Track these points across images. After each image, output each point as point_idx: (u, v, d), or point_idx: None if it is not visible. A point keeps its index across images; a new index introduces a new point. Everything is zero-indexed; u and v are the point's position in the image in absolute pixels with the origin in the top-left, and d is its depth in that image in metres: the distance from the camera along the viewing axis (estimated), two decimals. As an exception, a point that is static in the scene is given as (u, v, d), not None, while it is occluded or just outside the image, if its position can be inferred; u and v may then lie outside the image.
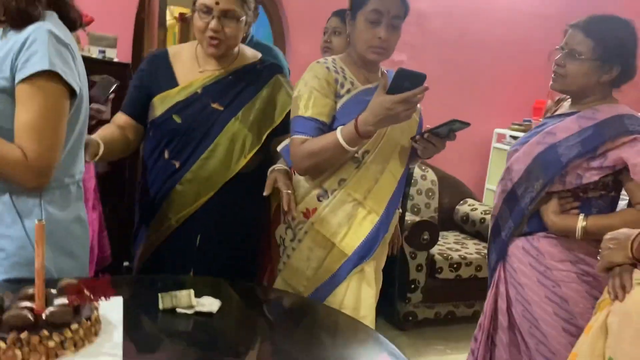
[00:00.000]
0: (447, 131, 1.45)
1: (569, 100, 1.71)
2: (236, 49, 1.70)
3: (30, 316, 0.94)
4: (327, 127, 1.53)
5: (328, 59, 1.61)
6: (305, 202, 1.57)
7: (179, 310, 1.16)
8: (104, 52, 2.44)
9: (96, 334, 1.03)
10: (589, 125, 1.55)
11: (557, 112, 1.76)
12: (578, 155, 1.53)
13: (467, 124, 1.40)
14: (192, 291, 1.18)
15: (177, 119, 1.64)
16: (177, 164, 1.65)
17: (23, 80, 1.16)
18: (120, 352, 0.98)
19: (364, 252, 1.55)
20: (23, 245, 1.23)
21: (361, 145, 1.51)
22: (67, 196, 1.31)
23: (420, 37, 3.56)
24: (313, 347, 1.16)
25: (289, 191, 1.52)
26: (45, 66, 1.16)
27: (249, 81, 1.68)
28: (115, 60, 2.47)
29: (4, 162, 1.16)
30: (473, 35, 3.81)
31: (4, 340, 0.90)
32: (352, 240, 1.55)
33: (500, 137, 4.01)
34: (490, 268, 1.80)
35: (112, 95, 1.84)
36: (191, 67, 1.68)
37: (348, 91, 1.56)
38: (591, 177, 1.53)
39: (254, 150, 1.66)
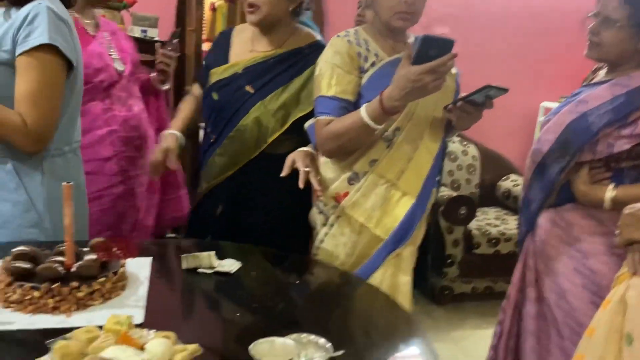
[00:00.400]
0: (483, 98, 1.34)
1: (606, 68, 1.65)
2: (290, 28, 1.72)
3: (60, 269, 1.03)
4: (352, 106, 1.45)
5: (350, 31, 1.53)
6: (335, 186, 1.50)
7: (200, 270, 1.23)
8: (145, 31, 2.54)
9: (123, 288, 1.11)
10: (621, 93, 1.49)
11: (594, 81, 1.70)
12: (609, 123, 1.48)
13: (505, 90, 1.29)
14: (213, 253, 1.25)
15: (215, 96, 1.75)
16: (214, 138, 1.77)
17: (23, 53, 1.26)
18: (143, 304, 1.06)
19: (400, 236, 1.49)
20: (27, 209, 1.34)
21: (390, 123, 1.44)
22: (66, 163, 1.42)
23: (463, 8, 3.47)
24: (324, 308, 1.20)
25: (307, 169, 1.47)
26: (45, 40, 1.26)
27: (289, 66, 1.69)
28: (156, 39, 2.56)
29: (5, 127, 1.26)
30: (519, 4, 3.68)
31: (38, 289, 1.00)
32: (387, 224, 1.49)
33: (547, 111, 3.86)
34: (520, 240, 1.78)
35: (175, 41, 1.97)
36: (244, 47, 1.75)
37: (373, 64, 1.48)
38: (622, 145, 1.48)
39: (275, 135, 1.69)
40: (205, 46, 3.33)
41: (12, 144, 1.30)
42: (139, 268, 1.21)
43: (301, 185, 1.45)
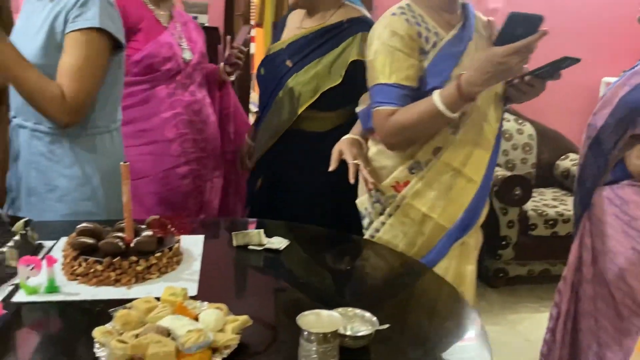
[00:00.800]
0: (555, 70, 1.23)
1: None
2: (335, 6, 1.75)
3: (121, 244, 1.09)
4: (414, 93, 1.33)
5: (403, 7, 1.38)
6: (394, 175, 1.41)
7: (250, 247, 1.27)
8: (196, 17, 2.60)
9: (178, 263, 1.17)
10: None
11: None
12: None
13: (578, 60, 1.18)
14: (262, 231, 1.29)
15: (262, 72, 1.85)
16: (259, 112, 1.89)
17: (72, 31, 1.33)
18: (197, 277, 1.11)
19: (466, 224, 1.42)
20: (82, 183, 1.44)
21: (464, 109, 1.31)
22: (112, 141, 1.50)
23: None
24: (371, 285, 1.21)
25: (356, 161, 1.41)
26: (95, 24, 1.33)
27: (326, 39, 1.71)
28: (206, 25, 2.62)
29: (43, 96, 1.32)
30: (580, -25, 3.49)
31: (100, 263, 1.06)
32: (452, 212, 1.40)
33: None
34: (576, 219, 1.73)
35: (249, 36, 2.09)
36: (295, 24, 1.81)
37: (434, 45, 1.35)
38: None
39: (305, 105, 1.71)
40: (254, 32, 3.37)
41: (47, 114, 1.35)
42: (193, 245, 1.27)
43: (351, 179, 1.40)
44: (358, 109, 1.56)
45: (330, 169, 1.45)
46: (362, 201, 1.53)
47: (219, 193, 2.09)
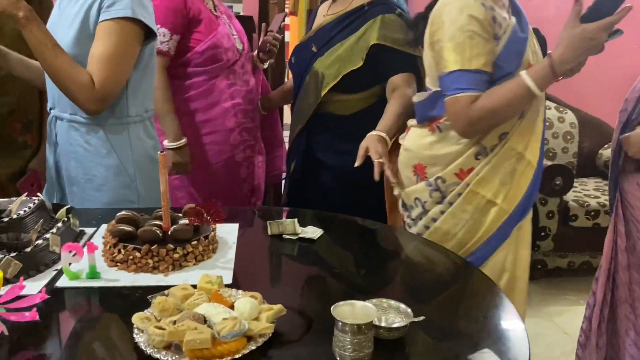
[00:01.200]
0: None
1: None
2: None
3: (158, 232, 1.11)
4: (491, 79, 1.32)
5: None
6: (458, 162, 1.39)
7: (285, 236, 1.27)
8: (231, 7, 2.61)
9: (214, 251, 1.19)
10: None
11: None
12: None
13: (621, 32, 1.20)
14: (296, 220, 1.29)
15: (293, 60, 1.91)
16: (294, 98, 1.93)
17: (104, 20, 1.35)
18: (232, 266, 1.12)
19: (524, 207, 1.42)
20: (118, 172, 1.47)
21: None
22: (146, 129, 1.53)
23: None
24: (406, 276, 1.20)
25: (380, 160, 1.43)
26: (128, 13, 1.34)
27: (349, 23, 1.74)
28: (241, 14, 2.63)
29: (72, 82, 1.34)
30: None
31: (139, 250, 1.09)
32: (513, 196, 1.40)
33: (658, 72, 3.52)
34: (610, 206, 1.69)
35: (284, 24, 2.10)
36: (322, 12, 1.85)
37: (505, 30, 1.33)
38: None
39: (327, 88, 1.74)
40: (288, 20, 3.36)
41: (76, 100, 1.37)
42: (228, 233, 1.28)
43: (376, 177, 1.43)
44: (416, 99, 1.50)
45: (357, 164, 1.48)
46: (414, 191, 1.48)
47: (263, 177, 2.13)
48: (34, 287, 1.00)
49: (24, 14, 1.29)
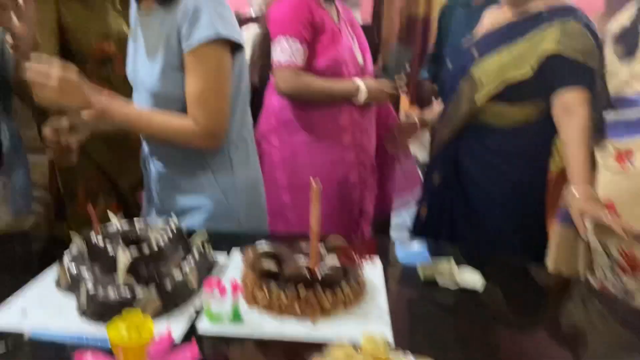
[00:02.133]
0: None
1: None
2: None
3: (306, 273, 0.97)
4: None
5: None
6: None
7: (441, 283, 1.09)
8: (349, 13, 2.47)
9: (363, 294, 1.03)
10: None
11: None
12: None
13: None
14: (452, 262, 1.11)
15: (449, 64, 1.72)
16: (443, 104, 1.74)
17: (189, 51, 1.21)
18: (387, 317, 0.96)
19: None
20: (219, 200, 1.34)
21: None
22: (247, 151, 1.40)
23: None
24: (596, 345, 0.98)
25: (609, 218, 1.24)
26: (211, 34, 1.19)
27: (520, 28, 1.53)
28: (361, 23, 2.48)
29: (176, 136, 1.25)
30: None
31: (285, 292, 0.95)
32: None
33: None
34: None
35: (408, 69, 1.86)
36: (491, 18, 1.66)
37: None
38: None
39: (486, 96, 1.54)
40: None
41: (189, 147, 1.29)
42: (371, 272, 1.13)
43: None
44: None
45: (581, 233, 1.31)
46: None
47: (374, 200, 1.97)
48: (174, 329, 0.88)
49: (99, 108, 1.20)
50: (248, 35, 2.47)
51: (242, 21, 2.48)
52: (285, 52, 1.67)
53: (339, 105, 1.77)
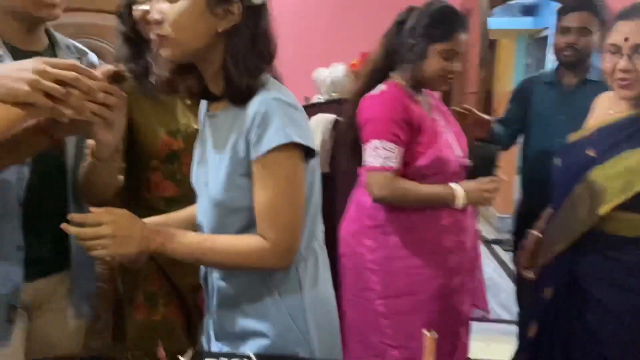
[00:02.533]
0: None
1: None
2: None
3: None
4: None
5: None
6: None
7: None
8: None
9: None
10: None
11: None
12: None
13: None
14: None
15: (557, 162, 1.55)
16: (552, 206, 1.60)
17: (258, 158, 1.09)
18: None
19: None
20: (287, 327, 1.16)
21: None
22: (316, 262, 1.23)
23: None
24: None
25: None
26: (281, 140, 1.06)
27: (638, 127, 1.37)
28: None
29: (248, 260, 1.12)
30: None
31: None
32: None
33: None
34: None
35: (495, 175, 1.70)
36: (604, 108, 1.52)
37: None
38: None
39: (611, 205, 1.36)
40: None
41: (262, 269, 1.16)
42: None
43: None
44: None
45: None
46: None
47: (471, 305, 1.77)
48: None
49: (157, 243, 1.12)
50: (316, 122, 2.40)
51: (310, 107, 2.40)
52: (380, 155, 1.55)
53: (441, 210, 1.63)
